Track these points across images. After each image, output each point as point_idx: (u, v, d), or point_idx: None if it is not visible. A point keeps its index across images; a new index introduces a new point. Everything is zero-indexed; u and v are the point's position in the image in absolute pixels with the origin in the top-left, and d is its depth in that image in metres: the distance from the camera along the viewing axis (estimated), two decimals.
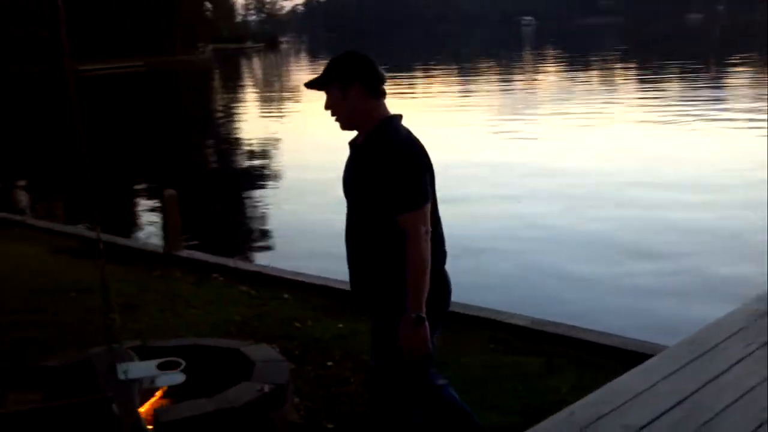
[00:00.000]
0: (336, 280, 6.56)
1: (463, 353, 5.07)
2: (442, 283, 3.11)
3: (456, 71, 44.54)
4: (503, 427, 4.00)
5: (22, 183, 16.05)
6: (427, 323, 2.89)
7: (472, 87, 34.11)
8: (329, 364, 4.87)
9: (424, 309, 2.89)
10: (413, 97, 29.20)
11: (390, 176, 2.92)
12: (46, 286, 6.76)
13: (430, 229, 2.95)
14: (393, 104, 3.14)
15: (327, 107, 3.09)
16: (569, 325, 5.53)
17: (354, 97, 3.01)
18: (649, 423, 3.49)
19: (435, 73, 44.13)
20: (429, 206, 2.97)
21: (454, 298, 3.21)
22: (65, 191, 15.28)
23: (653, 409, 3.60)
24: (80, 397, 3.09)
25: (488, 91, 31.80)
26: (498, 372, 4.78)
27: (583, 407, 3.71)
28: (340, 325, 5.55)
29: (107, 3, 57.54)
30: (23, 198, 14.90)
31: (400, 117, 3.10)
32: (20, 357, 4.98)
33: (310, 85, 3.11)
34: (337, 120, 3.10)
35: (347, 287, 6.20)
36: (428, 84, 37.31)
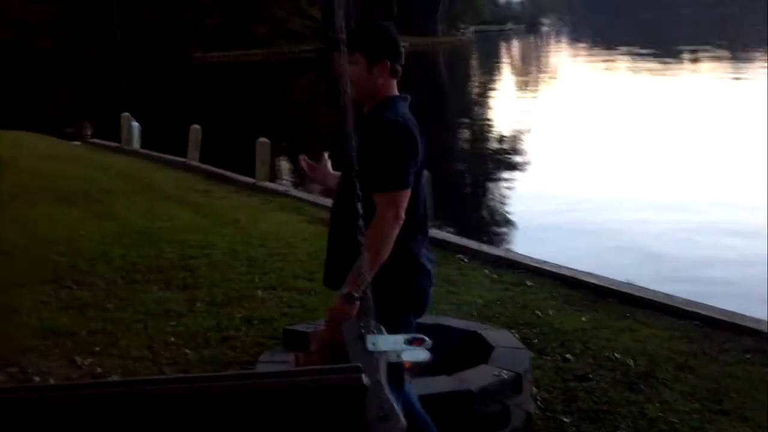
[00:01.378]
0: (583, 272, 6.41)
1: (716, 361, 4.76)
2: (412, 283, 2.99)
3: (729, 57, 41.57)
4: None
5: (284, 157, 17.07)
6: (356, 303, 2.75)
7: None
8: (569, 357, 4.77)
9: (360, 291, 2.74)
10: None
11: (373, 152, 2.84)
12: (300, 253, 7.18)
13: (402, 217, 2.84)
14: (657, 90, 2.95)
15: (338, 73, 2.80)
16: None
17: (378, 73, 2.98)
18: None
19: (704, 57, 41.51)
20: (405, 193, 2.87)
21: (715, 302, 2.96)
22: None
23: None
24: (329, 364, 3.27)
25: None
26: (753, 384, 4.44)
27: None
28: (584, 318, 5.42)
29: None
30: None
31: (406, 98, 3.04)
32: (273, 321, 5.35)
33: (329, 43, 3.01)
34: (350, 88, 2.93)
35: (595, 280, 6.15)
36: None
